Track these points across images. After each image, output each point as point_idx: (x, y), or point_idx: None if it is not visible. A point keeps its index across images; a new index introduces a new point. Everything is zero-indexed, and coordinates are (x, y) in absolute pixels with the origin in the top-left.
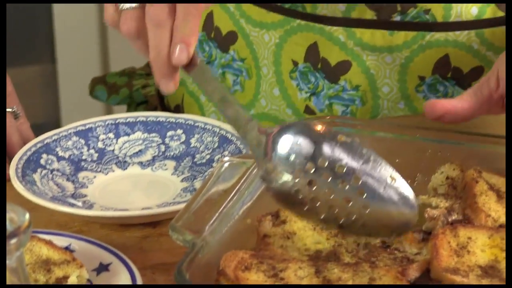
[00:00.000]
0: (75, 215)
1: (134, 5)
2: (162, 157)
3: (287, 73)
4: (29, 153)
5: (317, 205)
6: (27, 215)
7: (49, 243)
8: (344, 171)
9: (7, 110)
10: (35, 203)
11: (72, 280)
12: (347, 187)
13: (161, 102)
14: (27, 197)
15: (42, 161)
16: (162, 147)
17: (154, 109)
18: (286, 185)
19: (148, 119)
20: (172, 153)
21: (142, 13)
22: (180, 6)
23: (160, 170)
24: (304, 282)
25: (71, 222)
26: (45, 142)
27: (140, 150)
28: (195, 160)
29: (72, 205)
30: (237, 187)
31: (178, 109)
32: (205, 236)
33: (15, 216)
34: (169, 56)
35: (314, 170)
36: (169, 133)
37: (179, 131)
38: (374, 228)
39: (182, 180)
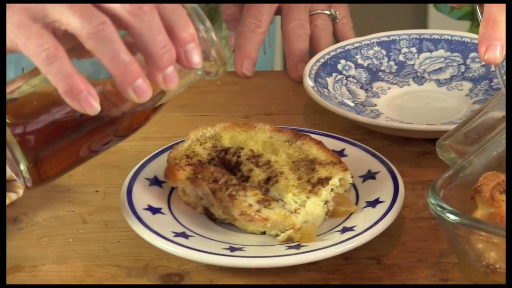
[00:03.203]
0: (360, 123)
1: None
2: (460, 78)
3: None
4: (327, 56)
5: None
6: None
7: (319, 143)
8: None
9: (325, 12)
10: (323, 106)
11: (334, 182)
12: None
13: None
14: (315, 99)
15: (339, 67)
16: (462, 68)
17: None
18: None
19: (453, 38)
20: (470, 75)
21: None
22: None
23: (455, 90)
24: None
25: (356, 129)
26: (346, 48)
27: (440, 68)
28: (492, 84)
29: (359, 112)
30: None
31: None
32: (471, 157)
33: None
34: None
35: None
36: (472, 55)
37: None
38: None
39: (474, 103)
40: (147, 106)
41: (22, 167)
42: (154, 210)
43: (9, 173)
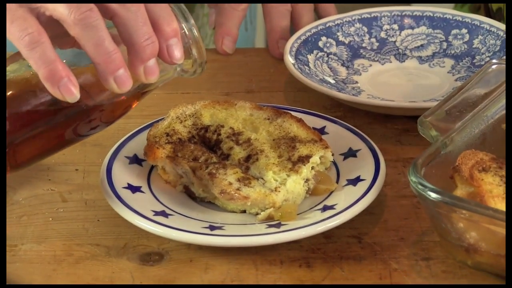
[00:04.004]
0: (342, 100)
1: None
2: (442, 54)
3: None
4: (308, 33)
5: None
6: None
7: (300, 121)
8: None
9: None
10: (304, 83)
11: (314, 160)
12: None
13: None
14: (296, 77)
15: (321, 44)
16: (444, 44)
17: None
18: None
19: (435, 15)
20: (452, 52)
21: None
22: None
23: (437, 67)
24: None
25: (337, 106)
26: (327, 25)
27: (421, 45)
28: (474, 61)
29: (340, 90)
30: (499, 91)
31: None
32: (452, 135)
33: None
34: None
35: None
36: (454, 31)
37: (464, 30)
38: None
39: (456, 80)
40: (126, 96)
41: None
42: (134, 189)
43: None
